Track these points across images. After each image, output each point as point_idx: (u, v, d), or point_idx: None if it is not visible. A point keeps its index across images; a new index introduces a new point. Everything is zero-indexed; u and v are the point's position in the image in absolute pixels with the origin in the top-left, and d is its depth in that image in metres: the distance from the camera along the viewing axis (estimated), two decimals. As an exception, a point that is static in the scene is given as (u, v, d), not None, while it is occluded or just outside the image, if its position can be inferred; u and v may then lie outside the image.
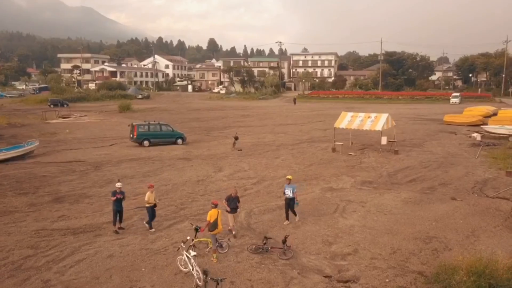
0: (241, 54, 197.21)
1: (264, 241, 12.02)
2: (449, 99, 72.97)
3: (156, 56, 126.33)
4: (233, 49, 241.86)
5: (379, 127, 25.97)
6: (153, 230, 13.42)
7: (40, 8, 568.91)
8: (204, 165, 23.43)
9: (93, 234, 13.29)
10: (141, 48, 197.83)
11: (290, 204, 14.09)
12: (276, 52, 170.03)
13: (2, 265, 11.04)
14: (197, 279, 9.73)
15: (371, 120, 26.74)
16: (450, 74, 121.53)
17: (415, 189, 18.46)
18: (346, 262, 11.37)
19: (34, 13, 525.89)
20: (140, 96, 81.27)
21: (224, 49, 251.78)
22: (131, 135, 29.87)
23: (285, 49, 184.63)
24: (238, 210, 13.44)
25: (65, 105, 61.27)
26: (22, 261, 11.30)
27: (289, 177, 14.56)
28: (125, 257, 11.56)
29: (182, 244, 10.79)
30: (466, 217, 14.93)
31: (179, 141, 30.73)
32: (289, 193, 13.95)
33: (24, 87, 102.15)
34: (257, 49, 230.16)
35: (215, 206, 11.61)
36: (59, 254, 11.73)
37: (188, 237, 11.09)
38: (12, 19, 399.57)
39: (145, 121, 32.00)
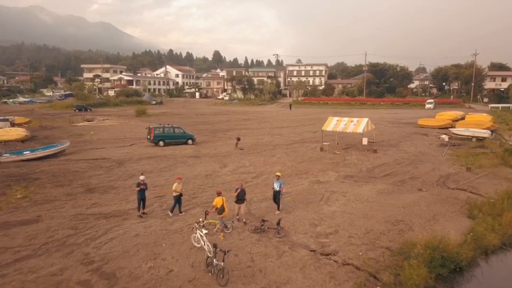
0: (243, 65, 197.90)
1: (262, 223, 13.11)
2: (425, 105, 73.95)
3: (167, 66, 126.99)
4: (235, 60, 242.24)
5: (360, 129, 27.04)
6: (171, 214, 14.49)
7: (63, 23, 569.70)
8: (211, 162, 24.43)
9: (121, 218, 14.35)
10: (154, 59, 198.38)
11: (276, 196, 14.98)
12: (274, 63, 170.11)
13: (49, 242, 12.12)
14: (208, 252, 10.79)
15: (353, 123, 27.82)
16: (426, 82, 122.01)
17: (389, 182, 19.51)
18: (328, 240, 12.45)
19: (59, 28, 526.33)
20: (154, 102, 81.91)
21: (227, 60, 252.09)
22: (148, 136, 30.82)
23: (282, 60, 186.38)
24: (245, 201, 14.13)
25: (89, 110, 61.87)
26: (65, 239, 12.37)
27: (278, 174, 15.42)
28: (149, 236, 12.63)
29: (196, 224, 11.85)
30: (429, 204, 16.00)
31: (190, 141, 31.64)
32: (276, 187, 14.79)
33: (51, 93, 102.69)
34: (257, 60, 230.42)
35: (219, 194, 12.75)
36: (95, 234, 12.81)
37: (201, 219, 12.16)
38: (39, 34, 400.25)
39: (160, 124, 32.79)
